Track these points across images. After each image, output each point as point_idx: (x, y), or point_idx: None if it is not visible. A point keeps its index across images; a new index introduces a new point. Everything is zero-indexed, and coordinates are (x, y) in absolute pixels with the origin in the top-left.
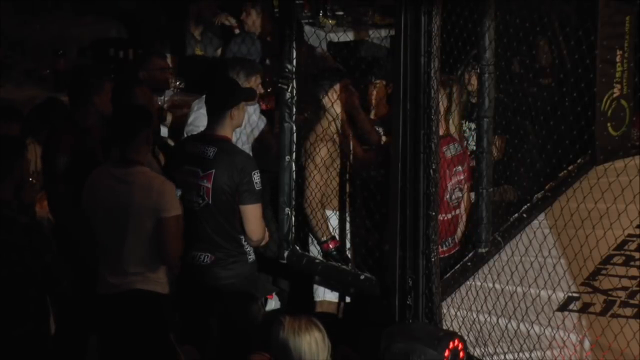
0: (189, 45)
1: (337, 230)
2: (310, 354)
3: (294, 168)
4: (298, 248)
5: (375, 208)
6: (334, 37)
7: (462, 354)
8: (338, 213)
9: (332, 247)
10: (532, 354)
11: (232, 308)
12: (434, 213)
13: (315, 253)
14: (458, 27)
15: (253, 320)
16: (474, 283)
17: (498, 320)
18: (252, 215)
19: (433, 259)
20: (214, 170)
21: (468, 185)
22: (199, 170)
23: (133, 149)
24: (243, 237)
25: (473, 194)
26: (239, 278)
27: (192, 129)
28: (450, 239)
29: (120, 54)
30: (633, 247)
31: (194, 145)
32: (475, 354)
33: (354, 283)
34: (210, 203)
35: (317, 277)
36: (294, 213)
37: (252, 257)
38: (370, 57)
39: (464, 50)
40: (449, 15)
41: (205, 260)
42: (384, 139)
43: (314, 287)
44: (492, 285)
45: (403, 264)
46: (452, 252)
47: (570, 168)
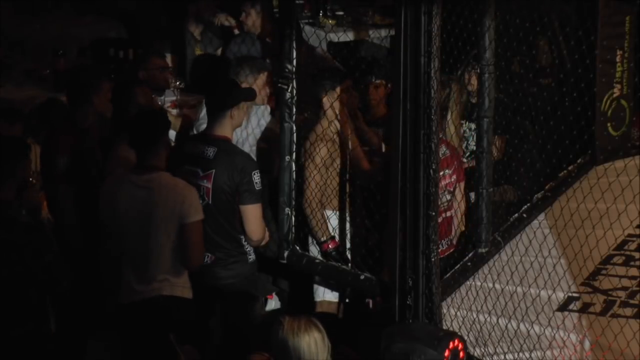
0: (189, 45)
1: (337, 230)
2: (310, 355)
3: (294, 168)
4: (298, 248)
5: (375, 208)
6: (334, 37)
7: (462, 354)
8: (338, 213)
9: (331, 247)
10: (532, 354)
11: (232, 308)
12: (434, 213)
13: (315, 253)
14: (458, 27)
15: (253, 320)
16: (474, 283)
17: (498, 320)
18: (252, 215)
19: (433, 259)
20: (214, 170)
21: (461, 186)
22: (199, 171)
23: (154, 155)
24: (243, 237)
25: (472, 194)
26: (239, 278)
27: (202, 124)
28: (445, 241)
29: (120, 54)
30: (633, 247)
31: (194, 145)
32: (475, 354)
33: (354, 283)
34: (210, 203)
35: (317, 277)
36: (294, 213)
37: (252, 257)
38: (370, 57)
39: (464, 50)
40: (449, 15)
41: (206, 260)
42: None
43: (314, 287)
44: (492, 285)
45: (403, 264)
46: (446, 254)
47: (570, 168)
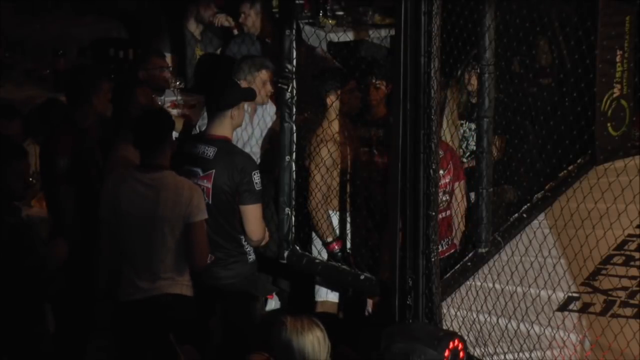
0: (189, 45)
1: (337, 230)
2: (313, 354)
3: (294, 168)
4: (298, 248)
5: (376, 208)
6: (334, 37)
7: (462, 354)
8: (338, 213)
9: (337, 248)
10: (532, 354)
11: (232, 308)
12: (434, 213)
13: (315, 253)
14: (458, 27)
15: (253, 320)
16: (474, 283)
17: (498, 320)
18: (252, 216)
19: (433, 259)
20: (214, 171)
21: (461, 186)
22: (199, 171)
23: (160, 154)
24: (243, 237)
25: (472, 194)
26: (239, 278)
27: (204, 123)
28: (445, 241)
29: (120, 54)
30: (633, 247)
31: (194, 146)
32: (475, 354)
33: (354, 283)
34: (210, 203)
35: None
36: (294, 213)
37: (252, 257)
38: (370, 57)
39: (464, 50)
40: (449, 15)
41: None
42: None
43: (316, 287)
44: (492, 285)
45: (403, 264)
46: (446, 254)
47: (570, 168)
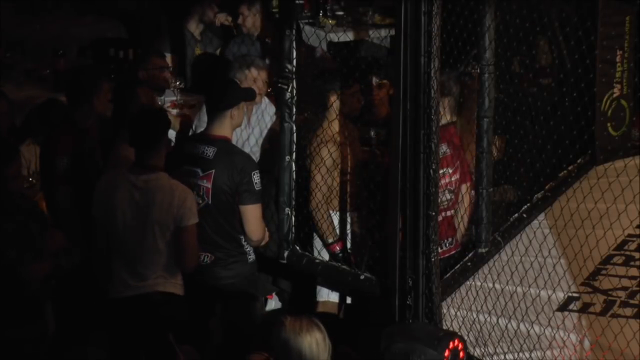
0: (189, 45)
1: (337, 231)
2: (311, 355)
3: (294, 168)
4: (298, 248)
5: (376, 208)
6: (334, 37)
7: (462, 354)
8: (339, 213)
9: (339, 248)
10: (532, 354)
11: (232, 308)
12: (434, 213)
13: (316, 253)
14: (458, 27)
15: (253, 320)
16: (474, 283)
17: (498, 320)
18: (251, 216)
19: (433, 259)
20: (214, 171)
21: (468, 185)
22: (199, 171)
23: (154, 154)
24: (243, 237)
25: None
26: (239, 278)
27: (201, 125)
28: (448, 241)
29: (120, 54)
30: (633, 247)
31: (194, 146)
32: (475, 354)
33: (354, 283)
34: (210, 203)
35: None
36: (294, 213)
37: (252, 257)
38: (371, 57)
39: (464, 50)
40: (449, 15)
41: (205, 260)
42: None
43: (317, 287)
44: (492, 285)
45: (403, 264)
46: (451, 252)
47: (570, 168)
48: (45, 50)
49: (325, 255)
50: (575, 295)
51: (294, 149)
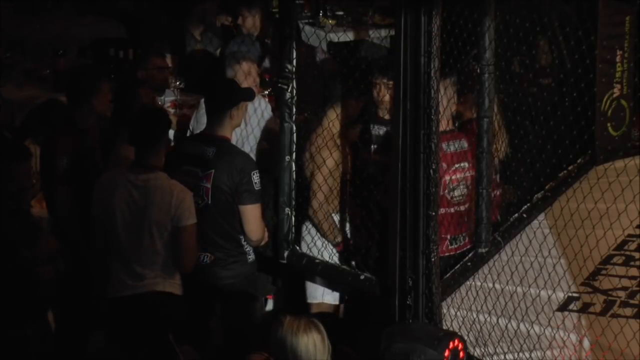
0: (189, 45)
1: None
2: (307, 356)
3: (294, 168)
4: (298, 248)
5: (375, 208)
6: (334, 37)
7: (462, 354)
8: (339, 214)
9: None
10: (532, 354)
11: (232, 308)
12: (434, 213)
13: (316, 253)
14: (458, 27)
15: (253, 320)
16: (474, 283)
17: (498, 320)
18: (251, 216)
19: (433, 259)
20: (214, 171)
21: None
22: (199, 171)
23: (154, 154)
24: (243, 237)
25: None
26: (239, 278)
27: (197, 126)
28: (462, 235)
29: (120, 54)
30: (633, 247)
31: (193, 146)
32: (475, 354)
33: (354, 283)
34: (210, 203)
35: (313, 278)
36: (294, 213)
37: (252, 257)
38: (372, 57)
39: (464, 50)
40: (449, 15)
41: (205, 260)
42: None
43: (311, 288)
44: (492, 285)
45: (403, 264)
46: (463, 249)
47: (570, 168)
48: (45, 50)
49: (326, 255)
50: (575, 295)
51: (294, 149)
